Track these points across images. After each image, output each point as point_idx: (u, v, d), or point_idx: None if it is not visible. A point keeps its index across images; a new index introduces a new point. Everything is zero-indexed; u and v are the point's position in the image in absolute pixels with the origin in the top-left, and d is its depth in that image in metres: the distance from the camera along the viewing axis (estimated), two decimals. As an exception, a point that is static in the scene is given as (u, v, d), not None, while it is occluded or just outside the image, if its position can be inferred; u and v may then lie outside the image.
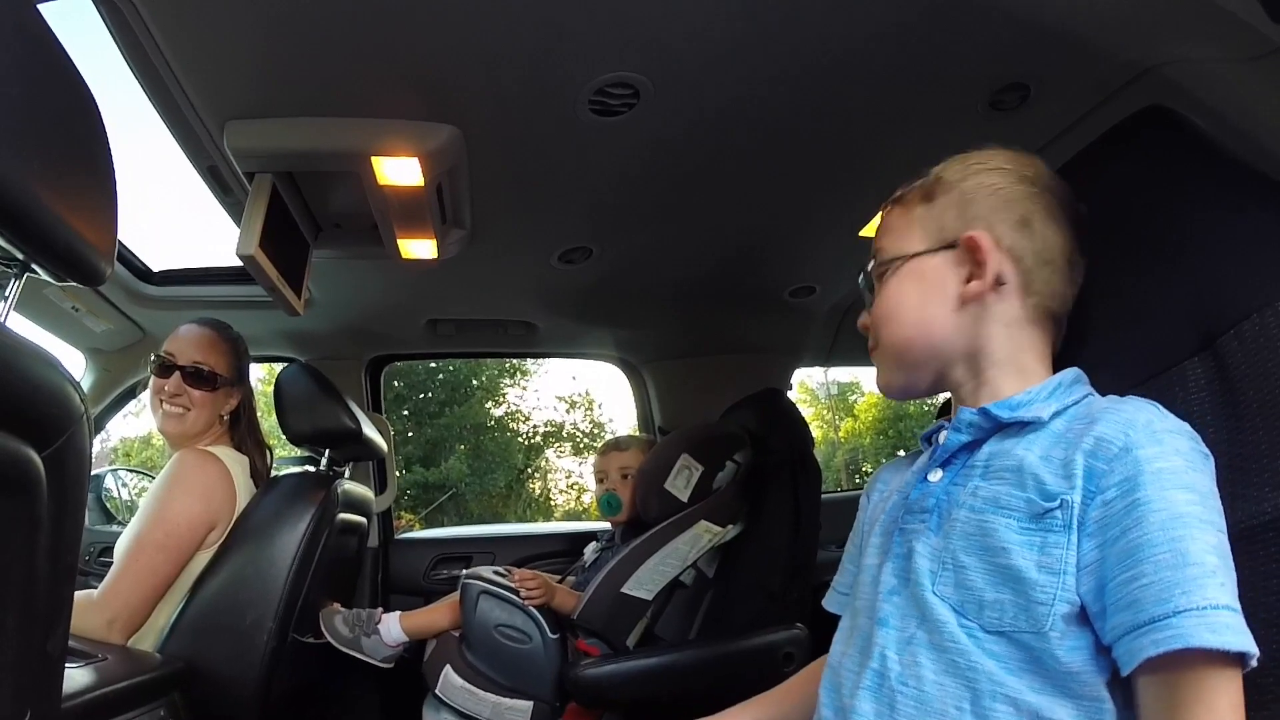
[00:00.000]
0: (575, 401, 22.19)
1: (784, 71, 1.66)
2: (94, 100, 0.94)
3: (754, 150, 1.96)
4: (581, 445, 21.77)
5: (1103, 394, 1.05)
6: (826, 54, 1.61)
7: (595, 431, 21.86)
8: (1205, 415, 1.00)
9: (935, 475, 1.08)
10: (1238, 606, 0.80)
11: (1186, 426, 0.94)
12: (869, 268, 1.18)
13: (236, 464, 2.20)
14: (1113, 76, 1.60)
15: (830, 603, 1.30)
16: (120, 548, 2.01)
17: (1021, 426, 1.02)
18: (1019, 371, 1.08)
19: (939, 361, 1.11)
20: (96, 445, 3.56)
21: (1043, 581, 0.89)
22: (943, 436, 1.11)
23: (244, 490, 2.17)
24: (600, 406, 22.29)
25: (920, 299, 1.11)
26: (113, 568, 1.97)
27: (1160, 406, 0.96)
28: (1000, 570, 0.92)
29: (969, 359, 1.10)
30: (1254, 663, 0.79)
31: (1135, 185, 1.19)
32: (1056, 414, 1.01)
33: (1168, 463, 0.87)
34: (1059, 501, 0.91)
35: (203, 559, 2.06)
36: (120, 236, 2.49)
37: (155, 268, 2.74)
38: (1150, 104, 1.22)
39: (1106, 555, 0.86)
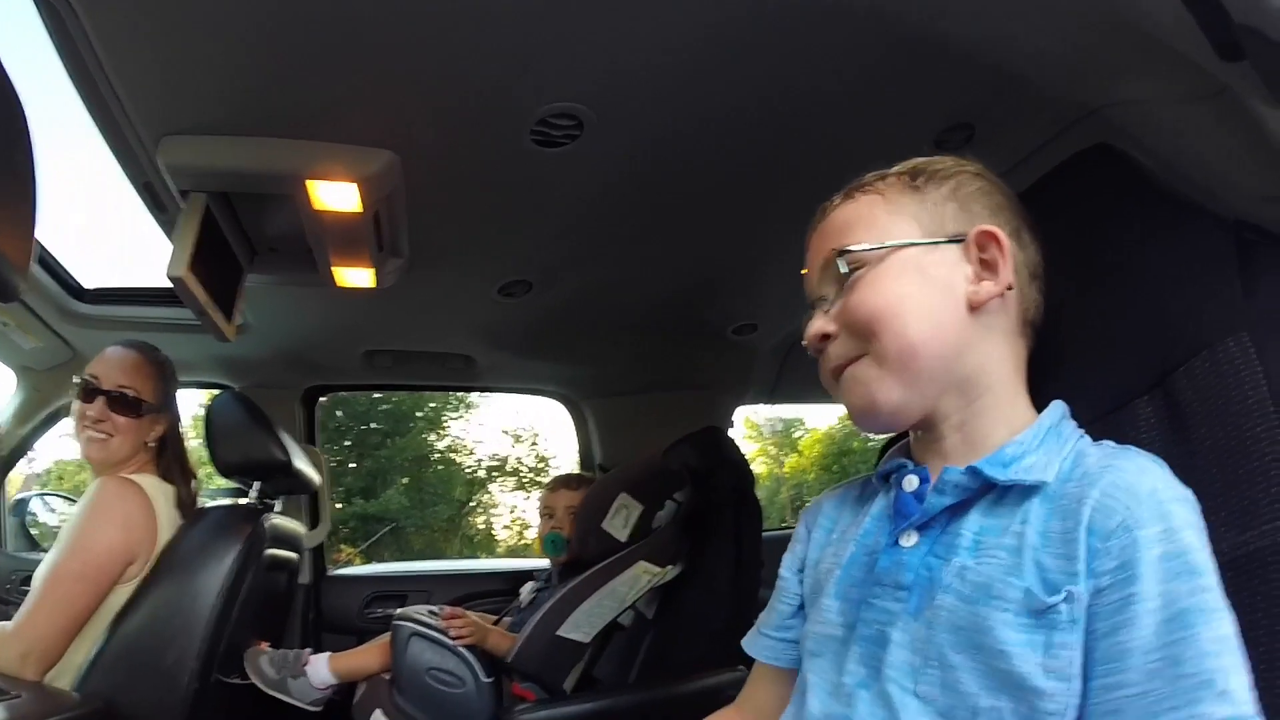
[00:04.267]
0: (520, 435, 22.11)
1: (728, 107, 1.65)
2: (19, 102, 0.89)
3: (697, 186, 1.96)
4: (525, 480, 21.67)
5: None
6: (771, 92, 1.61)
7: (540, 466, 21.78)
8: (1156, 454, 0.99)
9: (909, 540, 0.95)
10: (1246, 710, 0.73)
11: (1190, 494, 0.85)
12: (833, 259, 1.01)
13: (160, 494, 2.13)
14: (1057, 117, 1.62)
15: (753, 646, 1.18)
16: (37, 578, 1.95)
17: (1016, 489, 0.91)
18: (1010, 403, 0.98)
19: (944, 377, 0.96)
20: (23, 467, 3.47)
21: (1052, 689, 0.79)
22: (910, 483, 0.99)
23: (167, 521, 2.10)
24: (545, 441, 22.23)
25: (926, 297, 0.96)
26: (28, 598, 1.92)
27: (1165, 466, 0.88)
28: (998, 675, 0.82)
29: (965, 381, 0.96)
30: None
31: (1082, 223, 1.18)
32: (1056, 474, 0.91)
33: (1172, 544, 0.79)
34: (1065, 594, 0.80)
35: (123, 593, 1.99)
36: (58, 251, 2.47)
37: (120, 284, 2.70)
38: (1097, 143, 1.22)
39: (1092, 649, 0.79)
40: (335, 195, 1.76)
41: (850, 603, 0.99)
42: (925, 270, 0.97)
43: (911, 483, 0.99)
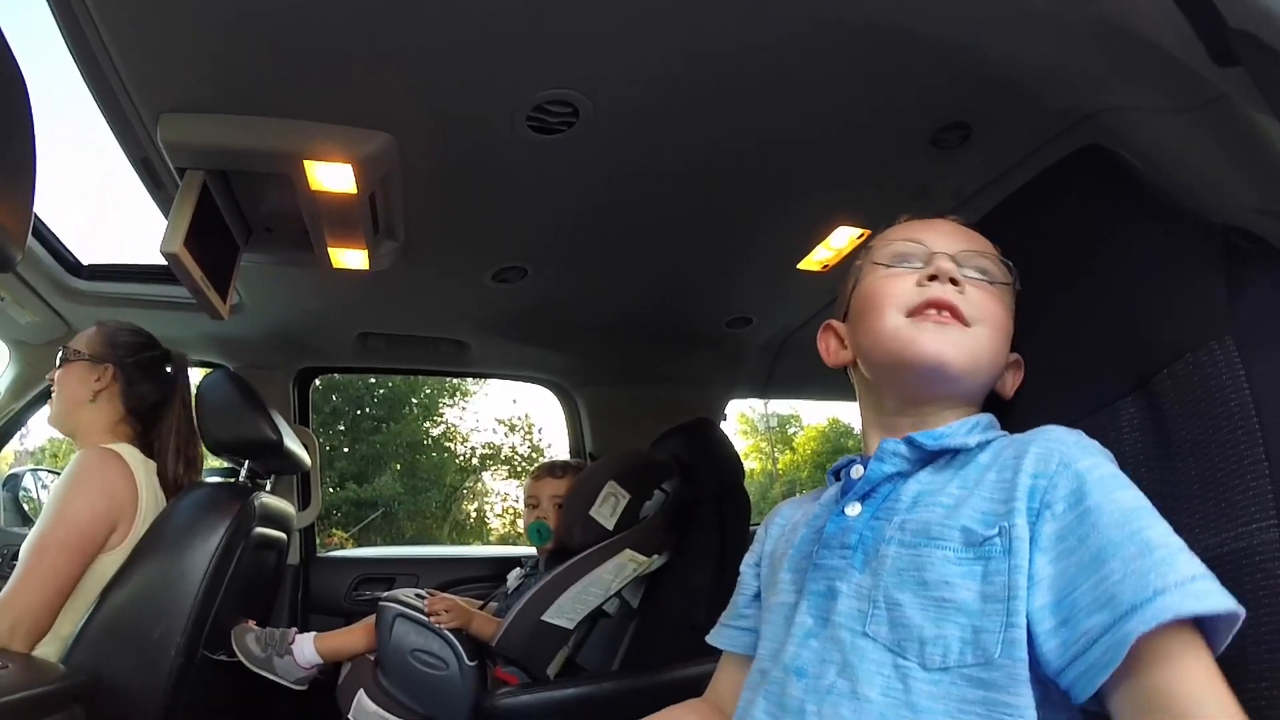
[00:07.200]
0: (515, 424, 22.12)
1: (727, 101, 1.65)
2: (19, 74, 0.89)
3: (693, 179, 1.95)
4: (519, 469, 21.68)
5: None
6: (771, 85, 1.60)
7: (534, 456, 21.80)
8: (1137, 455, 1.00)
9: (853, 509, 1.05)
10: (1213, 575, 0.79)
11: (1107, 449, 0.96)
12: (995, 258, 1.15)
13: (141, 465, 2.15)
14: (1053, 121, 1.62)
15: (715, 637, 1.28)
16: (23, 551, 1.95)
17: (950, 457, 1.03)
18: (964, 416, 1.10)
19: (982, 386, 1.13)
20: (15, 443, 3.47)
21: (988, 610, 0.86)
22: (856, 471, 1.09)
23: (147, 490, 2.12)
24: (540, 431, 22.23)
25: (1008, 336, 1.13)
26: (15, 571, 1.92)
27: (1080, 431, 0.98)
28: (941, 604, 0.89)
29: (973, 398, 1.13)
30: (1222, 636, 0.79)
31: (1071, 224, 1.19)
32: (980, 445, 1.03)
33: (1105, 470, 0.90)
34: (997, 529, 0.89)
35: (108, 562, 2.00)
36: (59, 227, 2.47)
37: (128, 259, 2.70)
38: (1089, 143, 1.22)
39: (1067, 566, 0.84)
40: (331, 176, 1.76)
41: (799, 571, 1.08)
42: (1009, 335, 1.14)
43: (858, 471, 1.10)
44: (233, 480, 2.52)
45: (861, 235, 2.23)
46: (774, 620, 1.08)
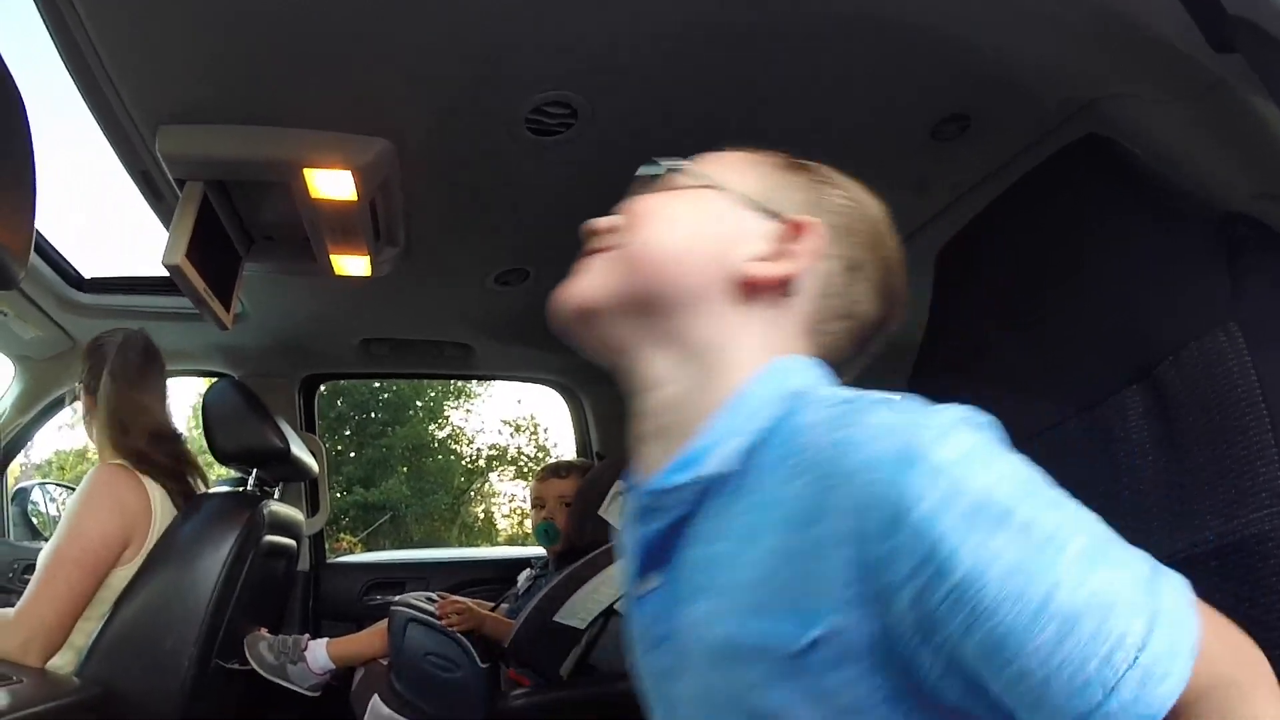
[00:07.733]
0: (520, 425, 22.06)
1: (722, 95, 1.64)
2: (16, 90, 0.89)
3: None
4: (526, 470, 21.63)
5: (1042, 428, 0.99)
6: (768, 78, 1.60)
7: (540, 456, 21.73)
8: (1145, 444, 0.99)
9: (648, 584, 0.82)
10: (1152, 578, 0.61)
11: (945, 410, 0.66)
12: (664, 166, 0.94)
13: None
14: (1055, 110, 1.61)
15: None
16: (38, 566, 1.97)
17: (723, 487, 0.75)
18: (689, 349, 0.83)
19: (665, 312, 0.83)
20: (22, 457, 3.47)
21: None
22: (631, 503, 0.87)
23: (159, 502, 2.12)
24: (546, 431, 22.18)
25: (702, 228, 0.86)
26: (29, 586, 1.94)
27: (906, 401, 0.68)
28: None
29: (690, 345, 0.83)
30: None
31: (1069, 217, 1.18)
32: (753, 452, 0.75)
33: (968, 497, 0.61)
34: (815, 636, 0.64)
35: (121, 576, 2.01)
36: (61, 232, 2.50)
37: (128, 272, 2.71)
38: (1088, 133, 1.22)
39: (961, 657, 0.61)
40: (331, 183, 1.76)
41: (639, 655, 0.87)
42: (720, 214, 0.87)
43: (632, 505, 0.87)
44: (241, 489, 2.53)
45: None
46: (648, 710, 0.88)
